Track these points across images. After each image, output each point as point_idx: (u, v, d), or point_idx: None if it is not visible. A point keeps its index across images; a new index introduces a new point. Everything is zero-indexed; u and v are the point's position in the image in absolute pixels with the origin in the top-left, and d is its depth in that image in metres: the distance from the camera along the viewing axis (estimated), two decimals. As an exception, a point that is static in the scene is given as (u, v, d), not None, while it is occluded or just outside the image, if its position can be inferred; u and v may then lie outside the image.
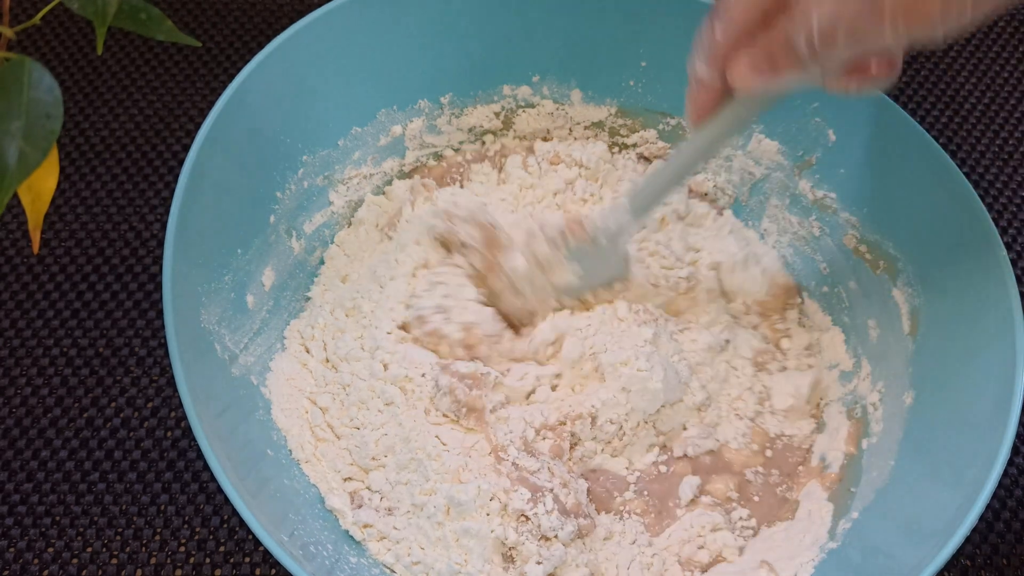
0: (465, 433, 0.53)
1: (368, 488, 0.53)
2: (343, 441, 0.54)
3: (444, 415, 0.54)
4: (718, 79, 0.45)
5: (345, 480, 0.53)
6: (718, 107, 0.47)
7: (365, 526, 0.51)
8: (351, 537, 0.51)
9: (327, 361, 0.57)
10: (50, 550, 0.53)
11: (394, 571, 0.50)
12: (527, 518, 0.50)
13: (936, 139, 0.62)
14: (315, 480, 0.53)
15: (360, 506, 0.52)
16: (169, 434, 0.57)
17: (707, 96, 0.47)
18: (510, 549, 0.50)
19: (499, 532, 0.50)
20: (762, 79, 0.43)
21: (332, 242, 0.62)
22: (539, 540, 0.50)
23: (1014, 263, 0.67)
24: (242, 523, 0.54)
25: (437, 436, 0.53)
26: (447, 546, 0.50)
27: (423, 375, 0.54)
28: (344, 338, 0.57)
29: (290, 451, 0.53)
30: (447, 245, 0.59)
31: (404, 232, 0.60)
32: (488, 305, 0.58)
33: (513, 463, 0.52)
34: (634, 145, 0.67)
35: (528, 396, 0.56)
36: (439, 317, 0.56)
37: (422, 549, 0.50)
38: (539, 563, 0.49)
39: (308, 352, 0.58)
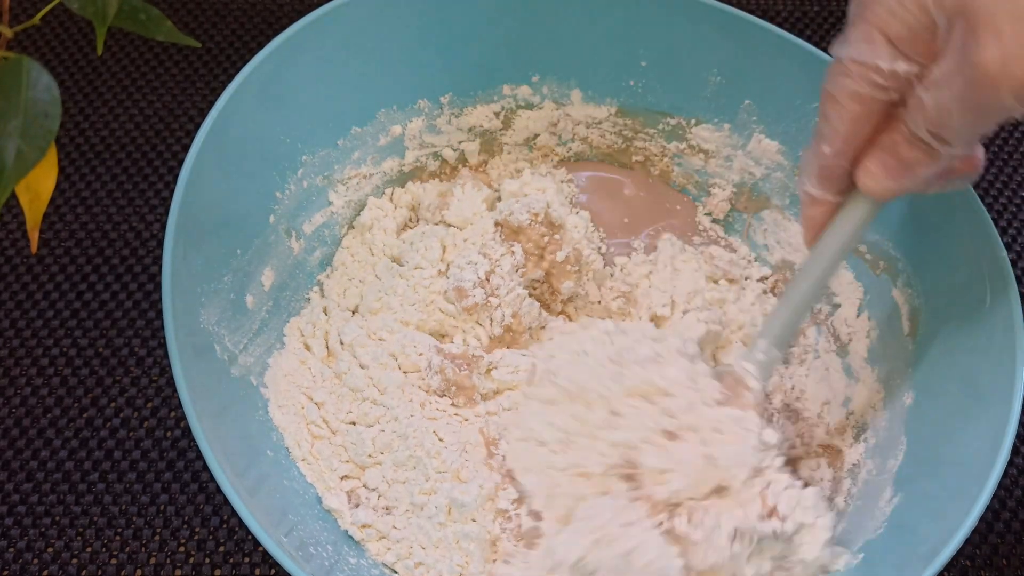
0: (461, 425, 0.54)
1: (365, 486, 0.53)
2: (339, 437, 0.54)
3: (438, 406, 0.54)
4: (830, 195, 0.46)
5: (342, 479, 0.53)
6: (832, 220, 0.47)
7: (364, 526, 0.51)
8: (351, 537, 0.51)
9: (328, 355, 0.57)
10: (50, 550, 0.53)
11: (395, 571, 0.50)
12: (509, 517, 0.50)
13: (936, 139, 0.62)
14: (312, 480, 0.53)
15: (357, 505, 0.52)
16: (169, 434, 0.57)
17: (821, 212, 0.47)
18: (493, 542, 0.50)
19: (491, 529, 0.50)
20: (896, 178, 0.43)
21: (331, 243, 0.62)
22: (518, 541, 0.50)
23: (1014, 263, 0.67)
24: (241, 523, 0.54)
25: (435, 432, 0.53)
26: (448, 547, 0.50)
27: (420, 354, 0.55)
28: (350, 324, 0.57)
29: (287, 450, 0.53)
30: (507, 229, 0.59)
31: (459, 210, 0.61)
32: (533, 296, 0.58)
33: (503, 456, 0.52)
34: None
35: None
36: (481, 292, 0.56)
37: (423, 549, 0.50)
38: (507, 562, 0.49)
39: (308, 349, 0.58)
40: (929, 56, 0.40)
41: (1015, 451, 0.60)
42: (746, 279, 0.64)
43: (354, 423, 0.54)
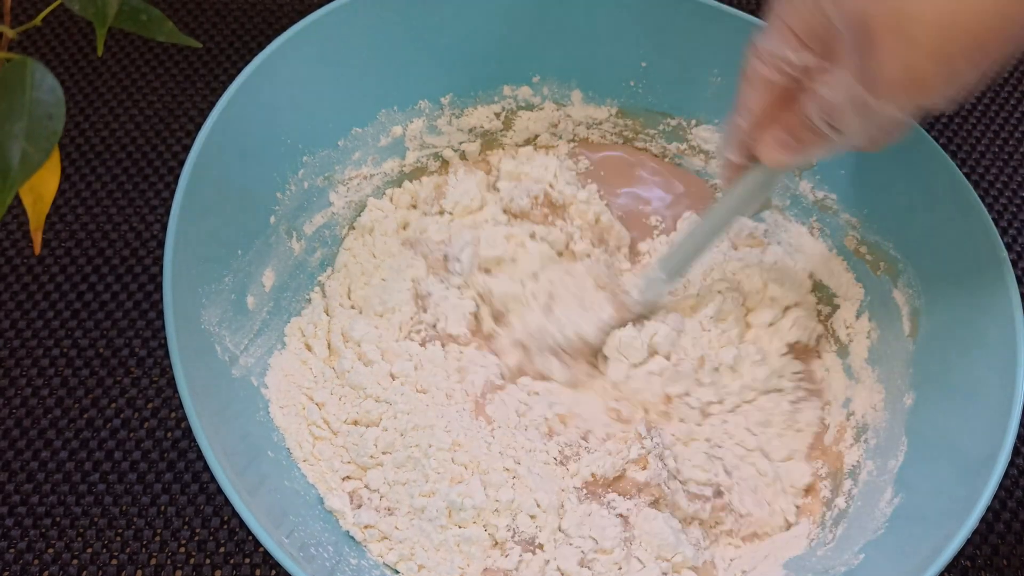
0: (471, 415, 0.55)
1: (367, 487, 0.53)
2: (340, 438, 0.54)
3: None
4: (746, 159, 0.51)
5: (343, 479, 0.53)
6: (743, 174, 0.52)
7: (366, 527, 0.51)
8: (352, 538, 0.51)
9: (329, 355, 0.57)
10: (50, 551, 0.53)
11: (397, 571, 0.50)
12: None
13: (936, 139, 0.62)
14: (313, 480, 0.53)
15: (360, 506, 0.52)
16: (169, 435, 0.57)
17: (737, 172, 0.52)
18: (495, 544, 0.51)
19: (495, 534, 0.50)
20: (788, 154, 0.47)
21: (332, 243, 0.62)
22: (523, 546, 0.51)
23: (1014, 263, 0.67)
24: (242, 524, 0.54)
25: (431, 426, 0.53)
26: (449, 550, 0.50)
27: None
28: (358, 320, 0.58)
29: (288, 450, 0.53)
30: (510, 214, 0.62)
31: (456, 196, 0.63)
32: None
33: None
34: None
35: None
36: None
37: (425, 551, 0.50)
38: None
39: (309, 349, 0.58)
40: (830, 53, 0.43)
41: (1015, 451, 0.60)
42: (767, 243, 0.64)
43: (356, 423, 0.54)
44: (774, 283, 0.60)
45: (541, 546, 0.51)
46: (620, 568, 0.50)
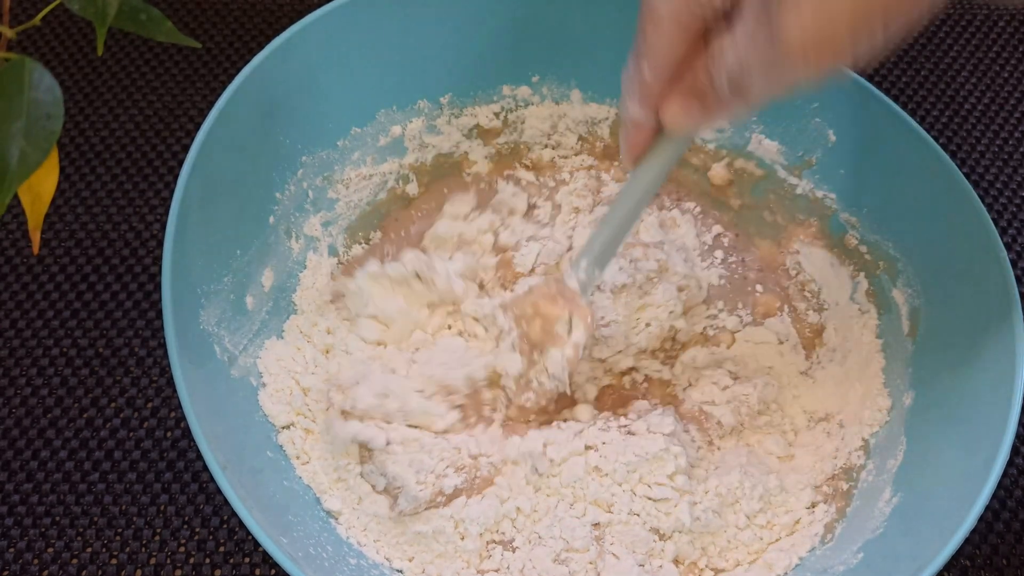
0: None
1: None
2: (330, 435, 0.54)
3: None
4: (652, 118, 0.45)
5: (337, 481, 0.53)
6: (652, 145, 0.47)
7: (364, 529, 0.51)
8: (351, 538, 0.51)
9: (329, 332, 0.57)
10: (50, 550, 0.53)
11: (399, 570, 0.50)
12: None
13: (936, 139, 0.62)
14: (308, 481, 0.52)
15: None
16: (169, 434, 0.57)
17: (642, 136, 0.47)
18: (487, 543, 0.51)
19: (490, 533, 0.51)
20: (695, 121, 0.44)
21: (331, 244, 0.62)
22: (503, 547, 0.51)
23: (1014, 263, 0.67)
24: (242, 524, 0.54)
25: (424, 422, 0.53)
26: (450, 556, 0.50)
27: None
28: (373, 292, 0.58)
29: (281, 447, 0.53)
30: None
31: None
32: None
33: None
34: None
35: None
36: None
37: (425, 553, 0.50)
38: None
39: (309, 341, 0.58)
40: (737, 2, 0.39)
41: (1015, 451, 0.60)
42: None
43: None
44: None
45: (517, 547, 0.51)
46: (595, 566, 0.50)
